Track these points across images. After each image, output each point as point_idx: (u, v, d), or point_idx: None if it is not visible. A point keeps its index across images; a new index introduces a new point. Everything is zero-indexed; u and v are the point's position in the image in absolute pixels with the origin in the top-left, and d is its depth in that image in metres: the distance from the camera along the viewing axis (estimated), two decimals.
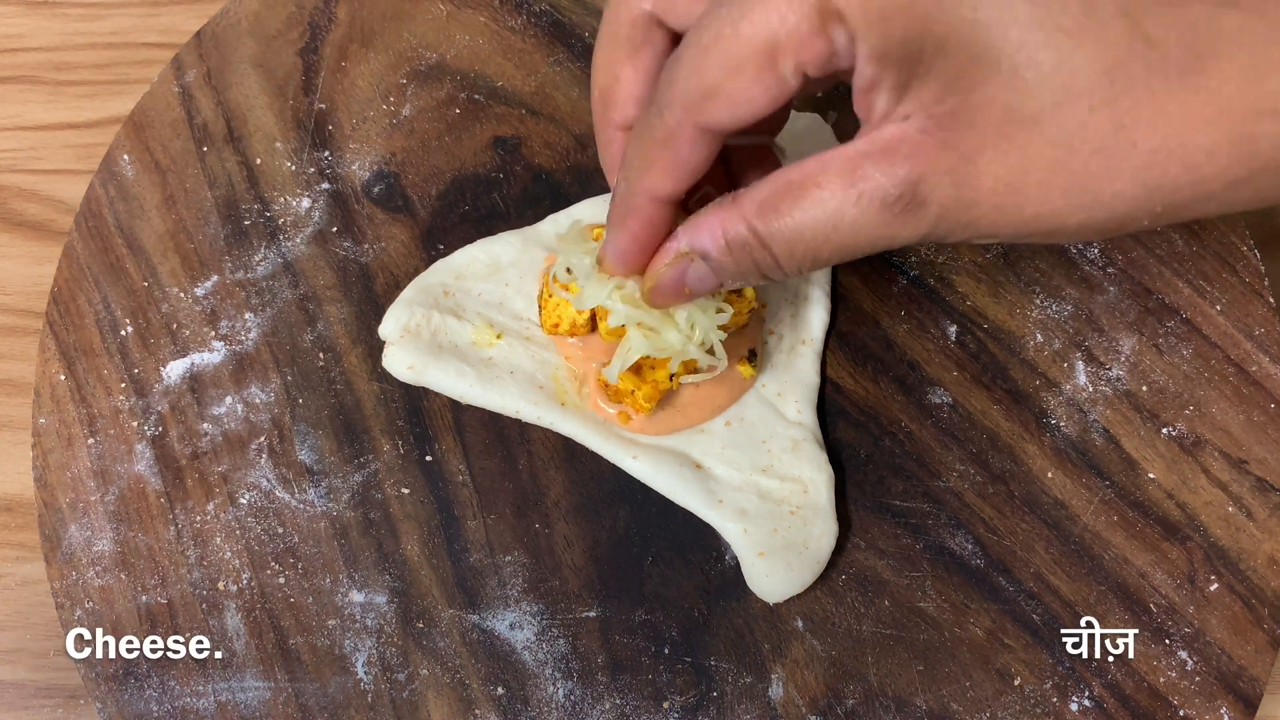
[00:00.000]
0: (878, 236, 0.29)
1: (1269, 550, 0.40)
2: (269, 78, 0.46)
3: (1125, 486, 0.41)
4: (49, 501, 0.41)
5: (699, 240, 0.32)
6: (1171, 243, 0.43)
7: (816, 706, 0.39)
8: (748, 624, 0.40)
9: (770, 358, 0.42)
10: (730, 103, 0.29)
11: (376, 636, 0.40)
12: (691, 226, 0.32)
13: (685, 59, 0.29)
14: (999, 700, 0.39)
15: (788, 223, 0.30)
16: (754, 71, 0.29)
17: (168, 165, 0.45)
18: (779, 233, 0.30)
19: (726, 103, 0.29)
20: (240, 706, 0.39)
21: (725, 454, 0.40)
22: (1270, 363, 0.42)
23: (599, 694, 0.39)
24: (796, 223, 0.29)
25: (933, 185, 0.28)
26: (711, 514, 0.40)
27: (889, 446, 0.41)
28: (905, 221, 0.28)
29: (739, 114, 0.30)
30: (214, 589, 0.40)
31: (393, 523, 0.41)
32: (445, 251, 0.44)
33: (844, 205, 0.29)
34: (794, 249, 0.30)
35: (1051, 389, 0.42)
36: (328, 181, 0.44)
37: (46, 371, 0.42)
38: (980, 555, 0.40)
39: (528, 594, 0.40)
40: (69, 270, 0.44)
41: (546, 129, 0.45)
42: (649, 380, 0.39)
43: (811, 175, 0.29)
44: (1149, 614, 0.40)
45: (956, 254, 0.43)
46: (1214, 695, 0.39)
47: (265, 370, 0.42)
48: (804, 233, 0.29)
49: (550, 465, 0.41)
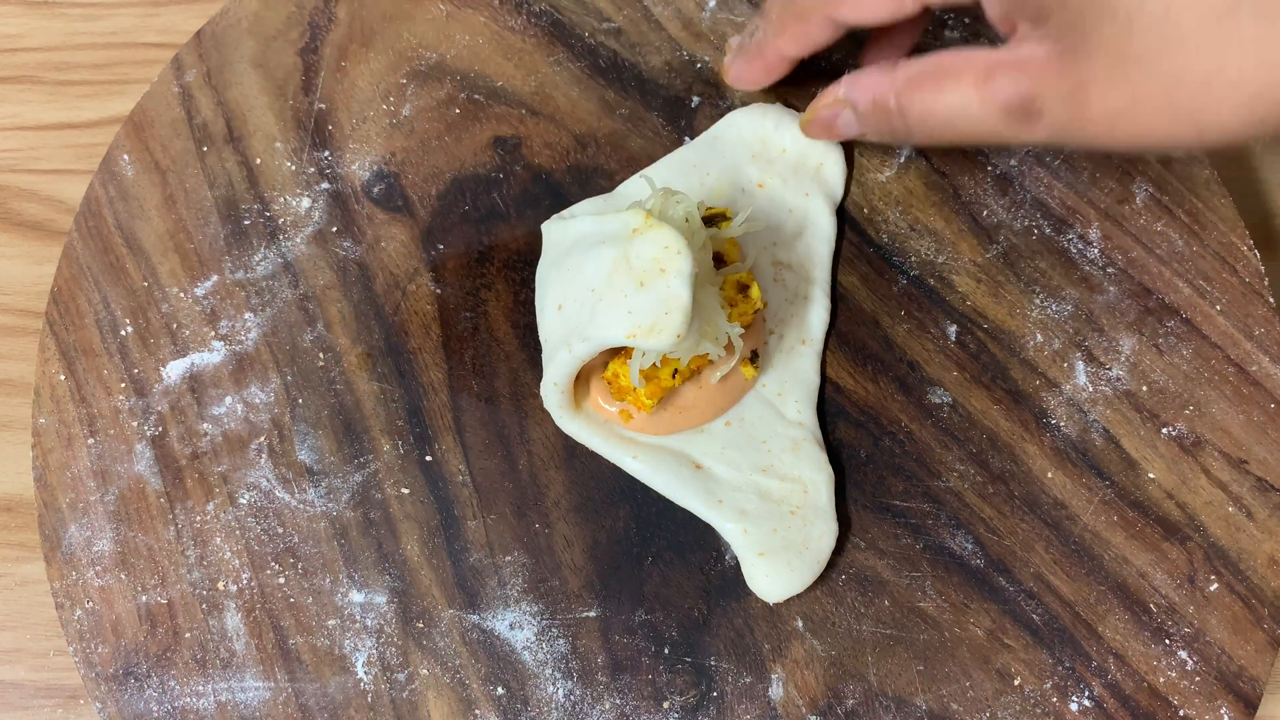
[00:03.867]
0: (993, 134, 0.34)
1: (1269, 550, 0.40)
2: (269, 78, 0.46)
3: (1125, 486, 0.41)
4: (49, 501, 0.41)
5: (855, 94, 0.38)
6: (1171, 243, 0.43)
7: (816, 706, 0.39)
8: (748, 624, 0.40)
9: (770, 358, 0.42)
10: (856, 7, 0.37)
11: (376, 636, 0.40)
12: (852, 80, 0.38)
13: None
14: (999, 700, 0.39)
15: (924, 101, 0.35)
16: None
17: (168, 165, 0.45)
18: (915, 107, 0.35)
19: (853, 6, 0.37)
20: (240, 706, 0.39)
21: (725, 454, 0.40)
22: (1270, 363, 0.42)
23: (599, 694, 0.39)
24: (930, 103, 0.35)
25: (1049, 102, 0.32)
26: (711, 514, 0.40)
27: (889, 446, 0.41)
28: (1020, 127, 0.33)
29: (862, 16, 0.38)
30: (214, 589, 0.40)
31: (393, 523, 0.41)
32: (445, 251, 0.44)
33: (971, 100, 0.34)
34: (924, 123, 0.36)
35: (1051, 389, 0.42)
36: (328, 181, 0.44)
37: (46, 371, 0.42)
38: (980, 555, 0.40)
39: (528, 594, 0.40)
40: (69, 270, 0.44)
41: (546, 129, 0.45)
42: (652, 378, 0.39)
43: (956, 66, 0.34)
44: (1149, 614, 0.40)
45: (957, 254, 0.43)
46: (1214, 695, 0.39)
47: (265, 370, 0.42)
48: (935, 113, 0.35)
49: (550, 465, 0.41)
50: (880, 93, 0.37)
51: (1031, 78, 0.32)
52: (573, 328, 0.38)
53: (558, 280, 0.39)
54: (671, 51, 0.46)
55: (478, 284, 0.43)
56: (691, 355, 0.38)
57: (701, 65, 0.46)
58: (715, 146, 0.44)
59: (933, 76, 0.35)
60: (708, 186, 0.43)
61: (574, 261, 0.38)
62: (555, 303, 0.39)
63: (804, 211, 0.43)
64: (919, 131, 0.36)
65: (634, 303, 0.35)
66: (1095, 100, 0.31)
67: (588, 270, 0.37)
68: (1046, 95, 0.32)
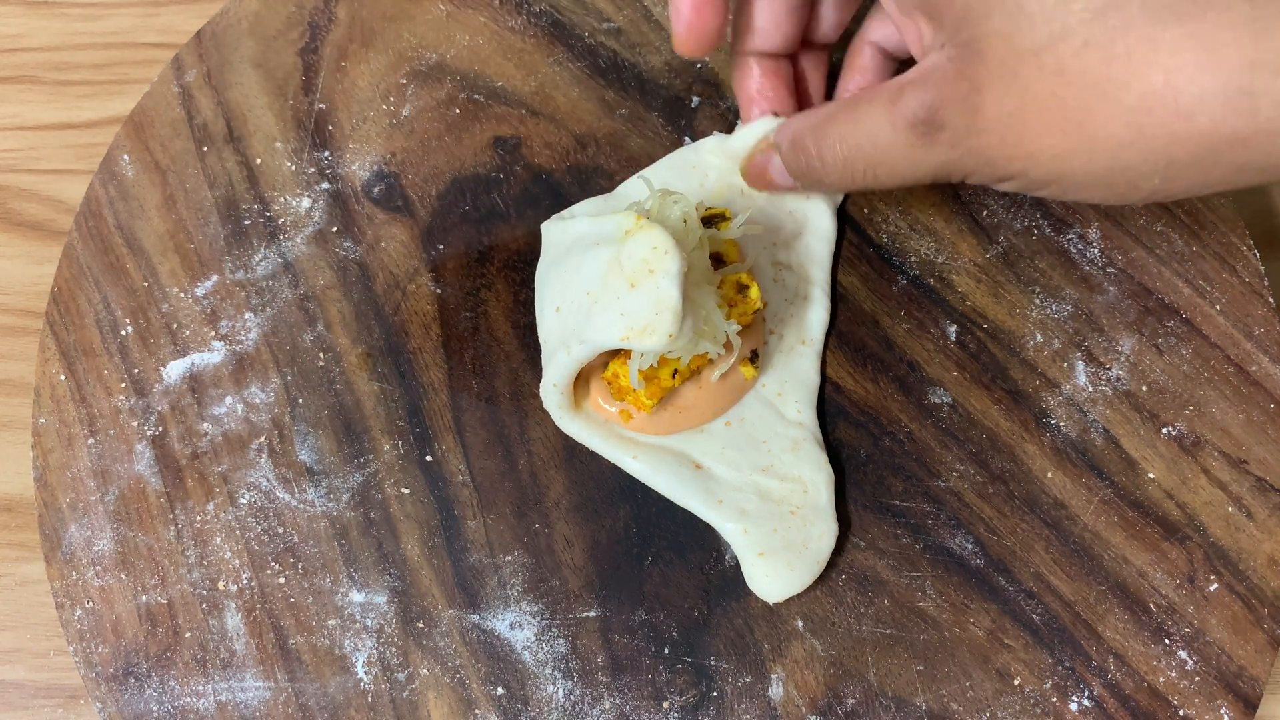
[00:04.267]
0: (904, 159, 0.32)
1: (1269, 550, 0.40)
2: (269, 78, 0.46)
3: (1125, 486, 0.41)
4: (49, 501, 0.41)
5: (779, 136, 0.37)
6: (1171, 243, 0.43)
7: (816, 706, 0.39)
8: (748, 624, 0.40)
9: (770, 358, 0.42)
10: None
11: (376, 636, 0.40)
12: (780, 124, 0.38)
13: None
14: (999, 700, 0.39)
15: (837, 133, 0.34)
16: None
17: (168, 165, 0.45)
18: (827, 140, 0.34)
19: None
20: (240, 706, 0.39)
21: (725, 454, 0.40)
22: (1270, 363, 0.42)
23: (599, 694, 0.39)
24: (841, 134, 0.33)
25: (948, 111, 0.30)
26: (711, 514, 0.40)
27: (889, 446, 0.41)
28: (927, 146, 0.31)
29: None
30: (214, 589, 0.40)
31: (393, 523, 0.41)
32: (445, 251, 0.44)
33: (881, 124, 0.32)
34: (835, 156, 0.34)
35: (1051, 389, 0.42)
36: (328, 181, 0.44)
37: (46, 371, 0.42)
38: (980, 555, 0.40)
39: (528, 594, 0.40)
40: (69, 270, 0.44)
41: (546, 129, 0.45)
42: (652, 379, 0.39)
43: (867, 97, 0.33)
44: (1149, 614, 0.40)
45: (957, 254, 0.43)
46: (1214, 695, 0.39)
47: (265, 370, 0.42)
48: (845, 143, 0.33)
49: (550, 465, 0.41)
50: (798, 131, 0.35)
51: (934, 87, 0.30)
52: (570, 330, 0.38)
53: (556, 281, 0.39)
54: (671, 52, 0.46)
55: (478, 284, 0.43)
56: (691, 355, 0.38)
57: (701, 65, 0.46)
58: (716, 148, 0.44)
59: (849, 107, 0.33)
60: (707, 187, 0.43)
61: (571, 263, 0.38)
62: (553, 304, 0.39)
63: (804, 212, 0.43)
64: (833, 167, 0.34)
65: (626, 304, 0.35)
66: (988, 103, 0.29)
67: (584, 272, 0.37)
68: (946, 101, 0.30)
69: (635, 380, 0.38)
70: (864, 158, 0.33)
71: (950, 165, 0.31)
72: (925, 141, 0.31)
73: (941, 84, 0.30)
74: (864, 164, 0.33)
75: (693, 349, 0.37)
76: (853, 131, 0.33)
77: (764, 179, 0.39)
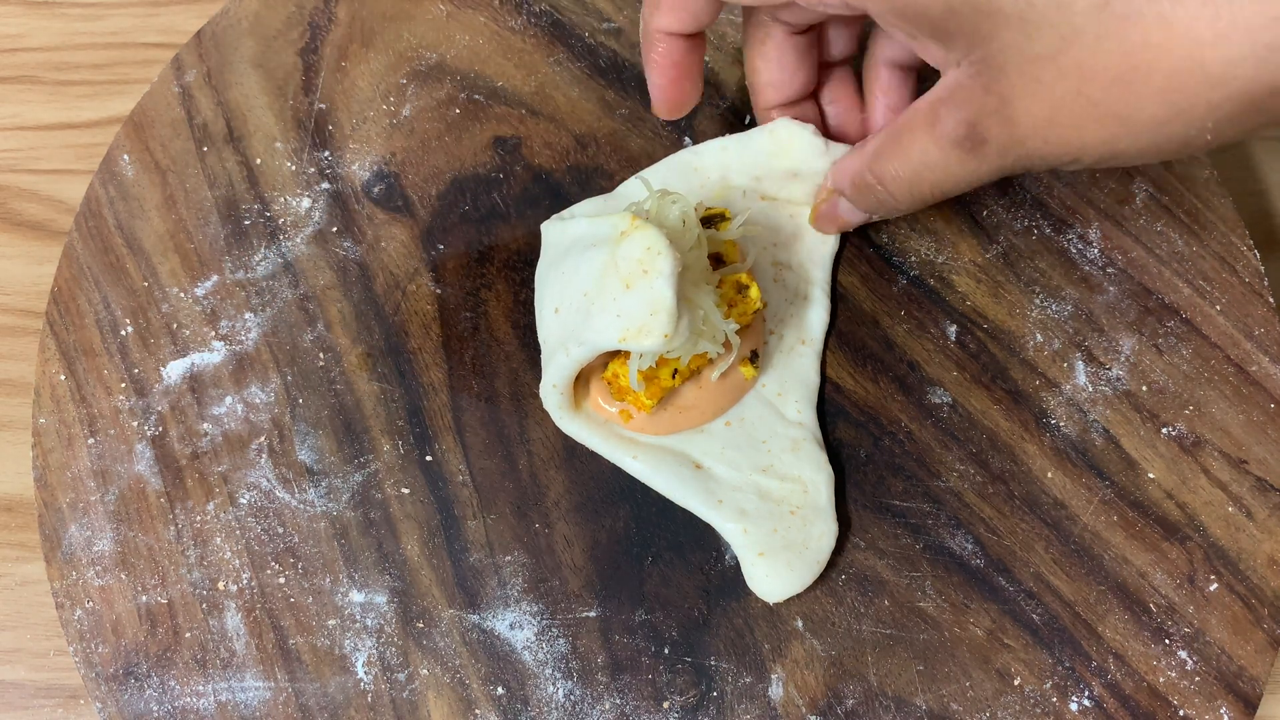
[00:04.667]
0: (963, 173, 0.33)
1: (1269, 550, 0.40)
2: (269, 78, 0.46)
3: (1125, 486, 0.41)
4: (49, 501, 0.41)
5: (839, 182, 0.38)
6: (1171, 243, 0.43)
7: (816, 706, 0.39)
8: (748, 624, 0.40)
9: (770, 358, 0.42)
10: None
11: (376, 636, 0.40)
12: (834, 170, 0.39)
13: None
14: (999, 700, 0.39)
15: (893, 166, 0.35)
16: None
17: (168, 165, 0.45)
18: (889, 175, 0.35)
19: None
20: (240, 706, 0.39)
21: (725, 454, 0.40)
22: (1270, 363, 0.42)
23: (599, 694, 0.39)
24: (899, 167, 0.34)
25: (986, 125, 0.30)
26: (711, 514, 0.40)
27: (889, 446, 0.41)
28: (979, 158, 0.31)
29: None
30: (214, 589, 0.40)
31: (393, 523, 0.41)
32: (445, 251, 0.44)
33: (929, 148, 0.33)
34: (902, 187, 0.35)
35: (1051, 389, 0.42)
36: (328, 181, 0.44)
37: (46, 371, 0.42)
38: (980, 555, 0.40)
39: (528, 594, 0.40)
40: (69, 270, 0.44)
41: (546, 129, 0.45)
42: (652, 379, 0.39)
43: (909, 121, 0.33)
44: (1149, 614, 0.40)
45: (957, 254, 0.43)
46: (1214, 695, 0.39)
47: (265, 370, 0.42)
48: (905, 173, 0.34)
49: (550, 465, 0.41)
50: (856, 172, 0.37)
51: (965, 104, 0.31)
52: (569, 331, 0.38)
53: (554, 282, 0.39)
54: None
55: (478, 284, 0.43)
56: (690, 354, 0.38)
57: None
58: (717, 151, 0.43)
59: (893, 138, 0.34)
60: (707, 188, 0.43)
61: (570, 264, 0.38)
62: (552, 305, 0.39)
63: (804, 213, 0.43)
64: (902, 197, 0.36)
65: (622, 305, 0.35)
66: (1021, 114, 0.29)
67: (581, 273, 0.37)
68: (981, 116, 0.31)
69: (635, 382, 0.38)
70: (926, 181, 0.34)
71: (1007, 168, 0.32)
72: (974, 155, 0.31)
73: (971, 100, 0.30)
74: (928, 185, 0.34)
75: (692, 349, 0.37)
76: (904, 161, 0.34)
77: (838, 221, 0.40)
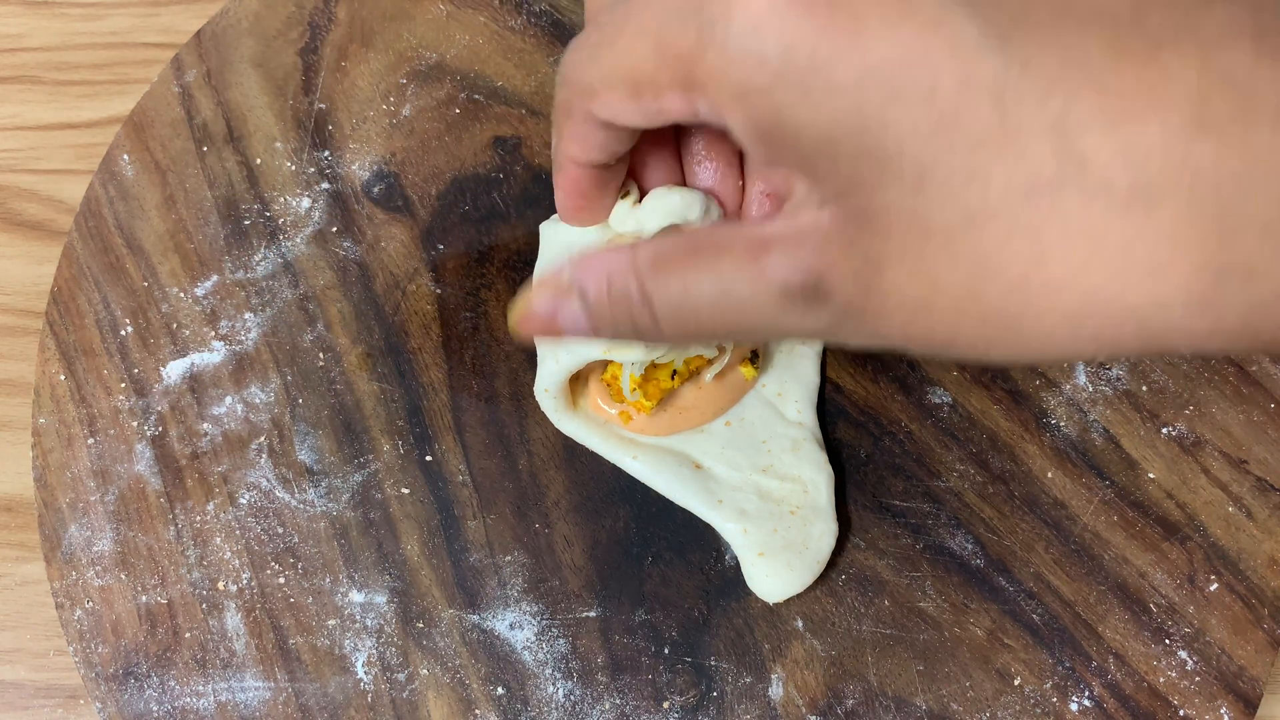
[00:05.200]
0: (770, 322, 0.26)
1: (1269, 550, 0.40)
2: (269, 78, 0.46)
3: (1125, 486, 0.41)
4: (49, 501, 0.41)
5: (582, 277, 0.28)
6: None
7: (816, 706, 0.39)
8: (748, 624, 0.40)
9: (770, 358, 0.42)
10: (608, 107, 0.27)
11: (376, 636, 0.40)
12: (580, 261, 0.28)
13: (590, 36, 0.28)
14: (999, 700, 0.39)
15: (677, 284, 0.26)
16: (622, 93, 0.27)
17: (168, 165, 0.45)
18: (666, 292, 0.27)
19: (604, 106, 0.28)
20: (240, 706, 0.39)
21: (725, 454, 0.40)
22: (1270, 363, 0.42)
23: (599, 694, 0.39)
24: (686, 286, 0.26)
25: (837, 285, 0.24)
26: (711, 514, 0.40)
27: (889, 446, 0.41)
28: (803, 314, 0.25)
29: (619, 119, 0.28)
30: (214, 589, 0.40)
31: (393, 523, 0.41)
32: (445, 251, 0.44)
33: (740, 281, 0.26)
34: (677, 313, 0.27)
35: (1051, 389, 0.42)
36: (328, 181, 0.44)
37: (46, 371, 0.42)
38: (980, 555, 0.40)
39: (528, 594, 0.40)
40: (69, 270, 0.44)
41: (546, 129, 0.45)
42: (651, 379, 0.39)
43: (717, 242, 0.26)
44: (1149, 614, 0.40)
45: None
46: (1214, 695, 0.39)
47: (265, 370, 0.42)
48: (691, 299, 0.26)
49: (550, 465, 0.41)
50: (617, 276, 0.27)
51: (814, 251, 0.24)
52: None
53: None
54: None
55: (478, 284, 0.43)
56: (683, 358, 0.38)
57: None
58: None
59: (690, 253, 0.26)
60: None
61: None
62: None
63: None
64: (670, 325, 0.27)
65: None
66: (889, 286, 0.23)
67: None
68: (832, 274, 0.24)
69: (628, 392, 0.38)
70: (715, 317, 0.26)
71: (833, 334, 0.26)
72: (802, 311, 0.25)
73: (824, 250, 0.24)
74: (715, 323, 0.27)
75: (684, 352, 0.37)
76: (699, 284, 0.26)
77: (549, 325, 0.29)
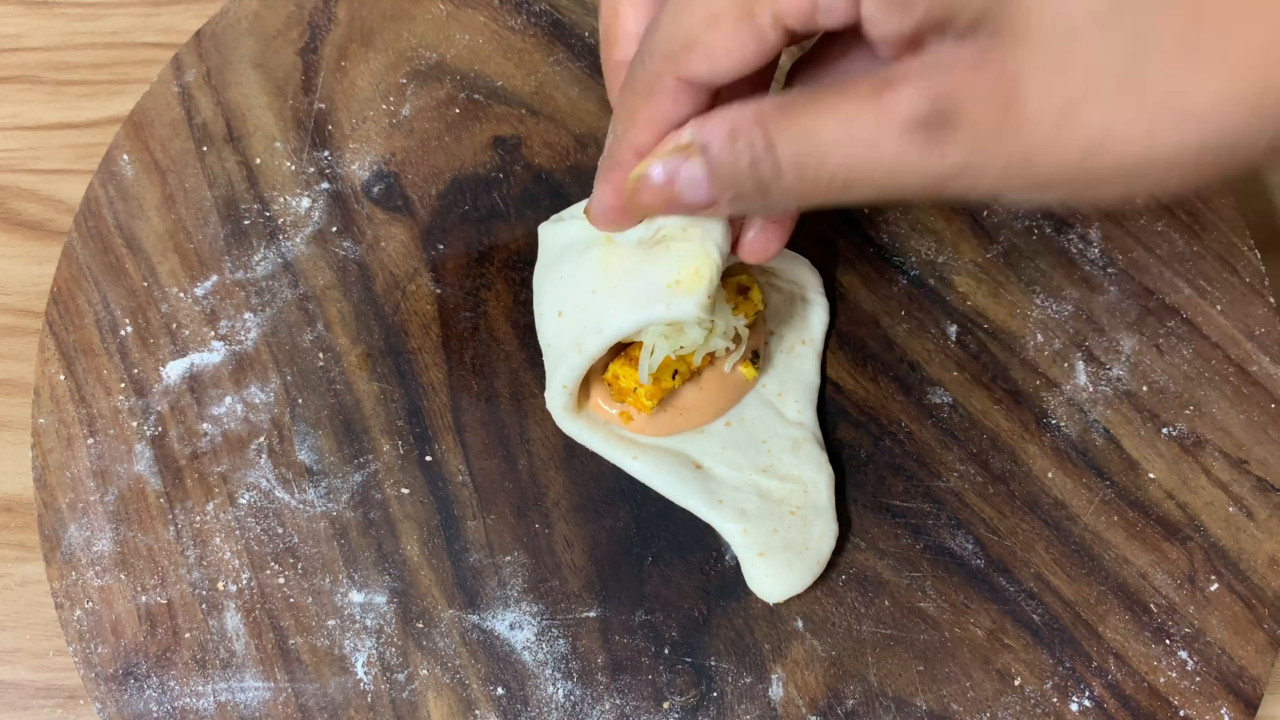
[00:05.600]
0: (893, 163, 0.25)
1: (1269, 550, 0.40)
2: (269, 78, 0.46)
3: (1125, 486, 0.41)
4: (49, 501, 0.41)
5: (705, 131, 0.27)
6: (1172, 243, 0.43)
7: (816, 706, 0.39)
8: (748, 624, 0.40)
9: (770, 358, 0.42)
10: (709, 55, 0.27)
11: (376, 636, 0.40)
12: (702, 119, 0.28)
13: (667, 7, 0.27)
14: (999, 700, 0.39)
15: (801, 126, 0.26)
16: (731, 22, 0.26)
17: (167, 165, 0.45)
18: (789, 135, 0.26)
19: (705, 55, 0.27)
20: (240, 706, 0.39)
21: (725, 454, 0.40)
22: (1270, 363, 0.42)
23: (599, 694, 0.39)
24: (808, 128, 0.25)
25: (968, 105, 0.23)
26: (711, 514, 0.40)
27: (889, 446, 0.41)
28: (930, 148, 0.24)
29: (719, 67, 0.27)
30: (214, 589, 0.40)
31: (392, 523, 0.41)
32: (445, 251, 0.44)
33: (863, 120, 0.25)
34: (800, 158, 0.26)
35: (1052, 389, 0.42)
36: (327, 181, 0.44)
37: (46, 371, 0.42)
38: (980, 555, 0.40)
39: (528, 594, 0.40)
40: (69, 270, 0.44)
41: (546, 129, 0.45)
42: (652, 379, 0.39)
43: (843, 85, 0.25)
44: (1149, 614, 0.40)
45: (957, 254, 0.43)
46: (1214, 695, 0.39)
47: (265, 370, 0.42)
48: (813, 141, 0.25)
49: (550, 465, 0.41)
50: (741, 124, 0.27)
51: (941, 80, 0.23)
52: (580, 330, 0.37)
53: (553, 285, 0.39)
54: None
55: (478, 284, 0.43)
56: (704, 352, 0.38)
57: None
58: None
59: (811, 99, 0.26)
60: None
61: (567, 268, 0.37)
62: (554, 309, 0.39)
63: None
64: (793, 173, 0.26)
65: (648, 276, 0.34)
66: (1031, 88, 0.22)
67: (581, 274, 0.37)
68: (962, 92, 0.23)
69: (645, 376, 0.37)
70: (838, 160, 0.25)
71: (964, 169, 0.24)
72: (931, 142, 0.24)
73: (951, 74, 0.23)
74: (837, 168, 0.25)
75: (705, 346, 0.37)
76: (823, 128, 0.25)
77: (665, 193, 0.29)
